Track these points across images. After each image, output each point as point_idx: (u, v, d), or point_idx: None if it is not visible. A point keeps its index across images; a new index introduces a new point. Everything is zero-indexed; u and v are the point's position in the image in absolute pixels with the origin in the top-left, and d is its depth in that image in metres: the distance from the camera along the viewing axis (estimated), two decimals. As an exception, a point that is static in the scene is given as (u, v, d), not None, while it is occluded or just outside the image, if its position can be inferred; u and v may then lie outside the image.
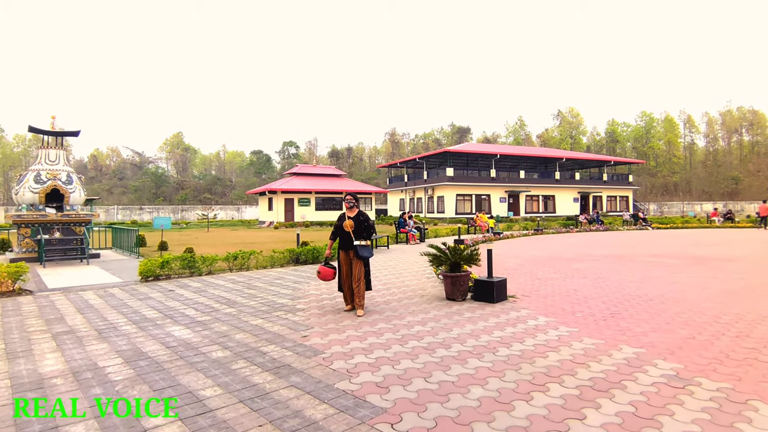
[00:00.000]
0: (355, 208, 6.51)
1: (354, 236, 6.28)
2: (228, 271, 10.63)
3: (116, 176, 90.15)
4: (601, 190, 52.38)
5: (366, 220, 6.40)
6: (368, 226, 6.40)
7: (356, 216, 6.40)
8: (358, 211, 6.48)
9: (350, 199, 6.47)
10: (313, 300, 7.28)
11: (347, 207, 6.48)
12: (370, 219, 6.47)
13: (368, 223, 6.41)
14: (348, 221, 6.34)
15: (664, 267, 10.85)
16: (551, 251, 14.97)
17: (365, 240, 6.34)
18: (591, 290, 7.90)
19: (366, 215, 6.48)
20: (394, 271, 10.50)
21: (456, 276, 6.92)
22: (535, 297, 7.33)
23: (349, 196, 6.49)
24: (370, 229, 6.42)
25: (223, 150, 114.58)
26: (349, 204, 6.46)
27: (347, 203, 6.47)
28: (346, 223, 6.34)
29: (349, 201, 6.46)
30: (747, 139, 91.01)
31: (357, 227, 6.31)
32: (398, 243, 18.61)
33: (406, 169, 55.87)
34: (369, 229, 6.41)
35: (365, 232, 6.37)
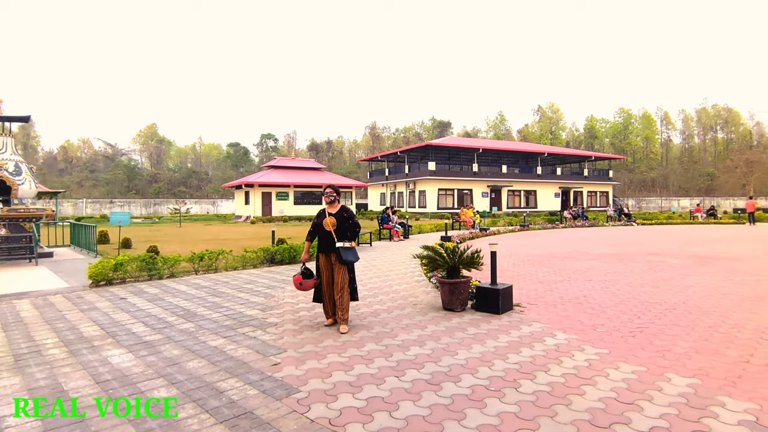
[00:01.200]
0: (337, 202, 5.50)
1: (336, 236, 5.26)
2: (193, 274, 9.47)
3: (87, 169, 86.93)
4: (582, 186, 52.25)
5: (350, 217, 5.38)
6: (353, 224, 5.38)
7: (338, 212, 5.39)
8: (341, 207, 5.47)
9: (330, 193, 5.44)
10: (287, 311, 6.23)
11: (327, 201, 5.47)
12: (354, 215, 5.45)
13: (353, 221, 5.39)
14: (329, 218, 5.32)
15: (669, 267, 10.10)
16: (544, 249, 14.16)
17: (349, 241, 5.32)
18: (602, 296, 7.03)
19: (350, 211, 5.46)
20: (380, 272, 9.50)
21: (455, 283, 5.95)
22: (543, 306, 6.41)
23: (330, 189, 5.47)
24: (355, 228, 5.40)
25: (200, 142, 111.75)
26: (330, 198, 5.44)
27: (327, 197, 5.45)
28: (326, 220, 5.32)
29: (329, 194, 5.44)
30: (721, 137, 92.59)
31: (340, 225, 5.29)
32: (381, 240, 17.61)
33: (387, 163, 54.84)
34: (354, 227, 5.39)
35: (350, 231, 5.36)
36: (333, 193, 5.44)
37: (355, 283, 5.49)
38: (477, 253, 6.15)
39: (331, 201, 5.44)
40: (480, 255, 6.17)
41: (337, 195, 5.48)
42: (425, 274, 8.79)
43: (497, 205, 45.27)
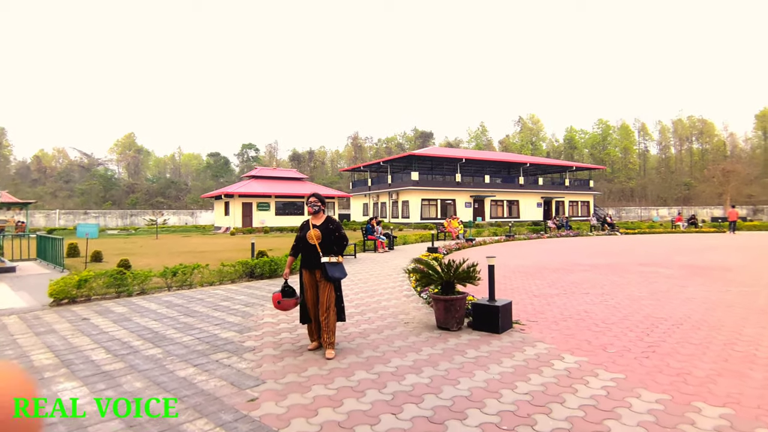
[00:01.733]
0: (322, 213, 5.01)
1: (321, 251, 4.76)
2: (166, 290, 8.83)
3: (62, 179, 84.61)
4: (563, 195, 52.58)
5: (336, 229, 4.90)
6: (340, 237, 4.89)
7: (324, 223, 4.91)
8: (326, 217, 4.99)
9: (315, 202, 4.95)
10: (267, 332, 5.67)
11: (311, 212, 4.97)
12: (341, 227, 4.96)
13: (339, 233, 4.90)
14: (313, 231, 4.82)
15: (664, 279, 9.80)
16: (533, 260, 13.82)
17: (336, 255, 4.83)
18: (604, 311, 6.64)
19: (336, 222, 4.98)
20: (367, 286, 8.98)
21: (451, 300, 5.48)
22: (544, 323, 5.97)
23: (314, 198, 4.97)
24: (342, 241, 4.91)
25: (179, 152, 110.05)
26: (314, 208, 4.95)
27: (311, 207, 4.95)
28: (310, 233, 4.83)
29: (313, 204, 4.95)
30: (696, 147, 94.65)
31: (325, 238, 4.80)
32: (366, 251, 17.10)
33: (370, 173, 54.48)
34: (341, 240, 4.90)
35: (336, 244, 4.87)
36: (317, 203, 4.95)
37: (342, 302, 4.98)
38: (473, 267, 5.69)
39: (316, 211, 4.95)
40: (477, 269, 5.71)
41: (323, 205, 5.00)
42: (414, 288, 8.31)
43: (480, 215, 45.18)
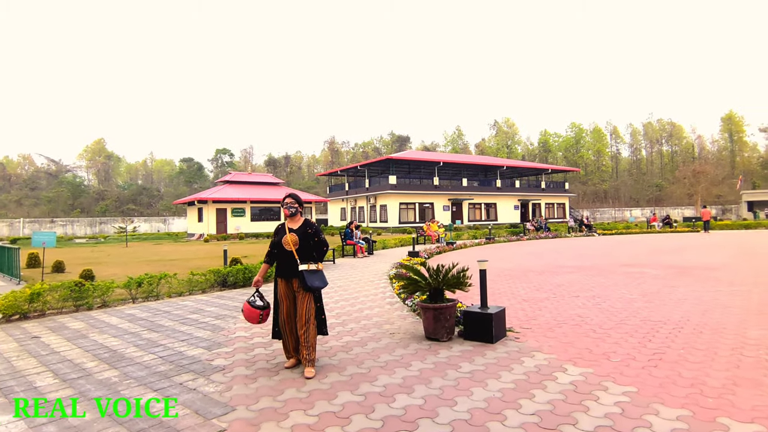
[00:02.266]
0: (299, 215, 4.54)
1: (298, 257, 4.28)
2: (130, 302, 8.18)
3: (28, 186, 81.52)
4: (540, 198, 52.98)
5: (315, 234, 4.43)
6: (319, 242, 4.43)
7: (301, 227, 4.43)
8: (304, 221, 4.50)
9: (291, 204, 4.48)
10: (239, 348, 5.13)
11: (288, 215, 4.49)
12: (320, 231, 4.49)
13: (319, 238, 4.43)
14: (290, 235, 4.34)
15: (651, 279, 9.59)
16: (516, 262, 13.55)
17: (315, 262, 4.35)
18: (599, 315, 6.31)
19: (315, 226, 4.50)
20: (347, 294, 8.49)
21: (441, 308, 5.04)
22: (538, 330, 5.59)
23: (290, 199, 4.50)
24: (321, 246, 4.45)
25: (151, 158, 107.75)
26: (291, 210, 4.47)
27: (287, 209, 4.47)
28: (286, 238, 4.34)
29: (289, 206, 4.47)
30: (666, 149, 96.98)
31: (303, 244, 4.33)
32: (344, 256, 16.60)
33: (347, 177, 53.93)
34: (320, 246, 4.44)
35: (315, 250, 4.40)
36: (294, 204, 4.48)
37: (323, 313, 4.51)
38: (464, 272, 5.28)
39: (293, 214, 4.47)
40: (468, 274, 5.30)
41: (300, 206, 4.54)
42: (398, 295, 7.86)
43: (459, 218, 45.08)
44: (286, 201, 4.47)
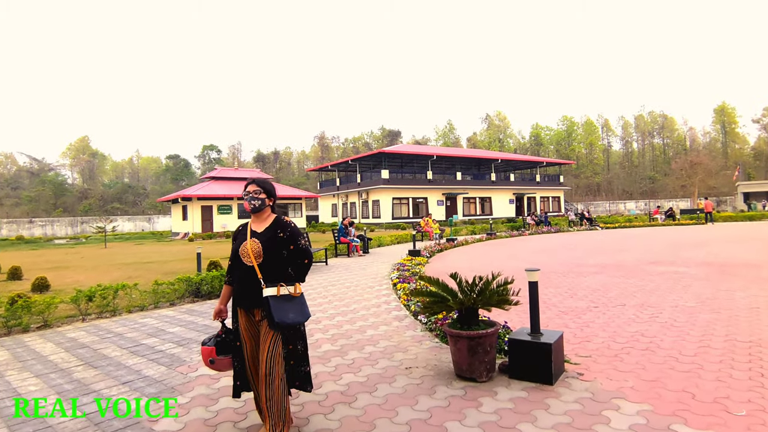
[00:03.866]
0: (270, 211, 3.06)
1: (262, 276, 2.82)
2: (80, 320, 6.69)
3: (9, 186, 78.95)
4: (535, 191, 51.89)
5: (291, 238, 2.94)
6: (297, 252, 2.95)
7: (269, 230, 2.94)
8: (275, 219, 3.01)
9: (255, 193, 2.96)
10: (199, 398, 3.67)
11: (250, 210, 2.99)
12: (299, 234, 2.99)
13: (297, 245, 2.94)
14: (250, 242, 2.88)
15: (695, 281, 8.28)
16: (528, 260, 12.20)
17: (290, 283, 2.89)
18: (666, 334, 4.95)
19: (291, 228, 3.00)
20: (344, 305, 7.06)
21: (478, 337, 3.64)
22: (601, 358, 4.22)
23: (253, 187, 2.98)
24: (300, 257, 2.96)
25: (137, 155, 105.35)
26: (254, 203, 2.97)
27: (249, 201, 2.96)
28: (245, 246, 2.89)
29: (252, 197, 2.96)
30: (657, 142, 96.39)
31: (270, 254, 2.87)
32: (338, 256, 15.17)
33: (338, 172, 52.42)
34: (299, 257, 2.96)
35: (292, 264, 2.95)
36: (259, 195, 2.97)
37: (306, 363, 3.05)
38: (507, 284, 3.88)
39: (256, 209, 2.97)
40: (509, 289, 3.90)
41: (269, 197, 3.03)
42: (406, 306, 6.46)
43: (454, 212, 43.78)
44: (248, 190, 2.97)
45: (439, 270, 11.04)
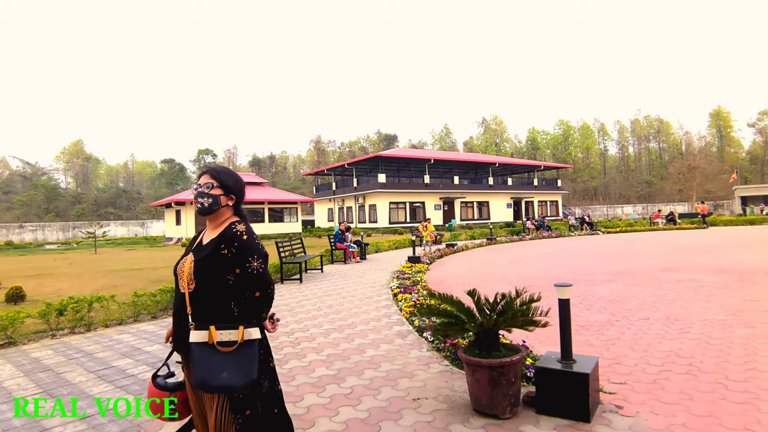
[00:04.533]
0: (227, 213, 2.19)
1: (191, 311, 1.99)
2: (49, 336, 6.08)
3: (1, 190, 78.01)
4: (532, 195, 51.43)
5: (239, 257, 1.99)
6: (246, 278, 1.99)
7: (215, 242, 2.06)
8: (228, 228, 2.08)
9: (206, 186, 2.12)
10: (169, 437, 3.12)
11: (197, 209, 2.15)
12: (252, 252, 2.02)
13: (246, 269, 1.99)
14: (187, 259, 2.08)
15: (715, 289, 7.74)
16: (535, 268, 11.65)
17: (232, 326, 1.96)
18: (704, 354, 4.39)
19: (242, 239, 2.02)
20: (340, 319, 6.48)
21: (500, 366, 3.07)
22: (638, 385, 3.65)
23: (206, 177, 2.16)
24: (250, 287, 2.01)
25: (132, 160, 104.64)
26: (202, 203, 2.11)
27: (197, 201, 2.12)
28: (183, 263, 2.09)
29: (200, 192, 2.12)
30: (653, 146, 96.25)
31: (206, 280, 1.99)
32: (334, 262, 14.57)
33: (334, 176, 51.80)
34: (247, 285, 2.01)
35: (235, 295, 2.01)
36: (210, 188, 2.13)
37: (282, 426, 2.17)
38: (532, 302, 3.31)
39: (205, 209, 2.13)
40: (538, 305, 3.33)
41: (227, 194, 2.17)
42: (409, 321, 5.89)
43: (452, 217, 43.22)
44: (201, 182, 2.15)
45: (441, 277, 10.48)
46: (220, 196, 2.13)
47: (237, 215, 2.22)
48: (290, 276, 10.98)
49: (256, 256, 2.01)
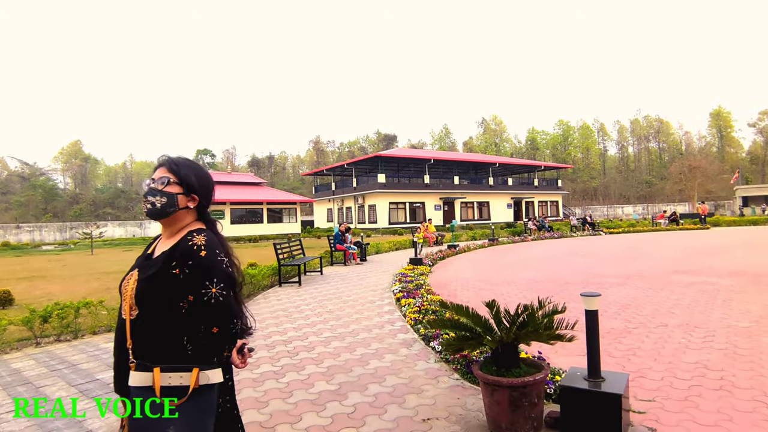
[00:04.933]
0: (187, 218, 1.70)
1: (132, 345, 1.51)
2: (32, 344, 5.74)
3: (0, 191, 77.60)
4: (533, 196, 51.14)
5: (195, 278, 1.49)
6: (203, 308, 1.48)
7: (167, 255, 1.56)
8: (186, 238, 1.57)
9: (160, 181, 1.64)
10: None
11: (146, 211, 1.64)
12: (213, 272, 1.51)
13: (203, 295, 1.48)
14: (133, 275, 1.60)
15: (732, 293, 7.42)
16: (540, 270, 11.32)
17: (183, 368, 1.47)
18: (734, 366, 4.07)
19: (198, 256, 1.51)
20: (341, 325, 6.14)
21: (523, 386, 2.75)
22: (669, 403, 3.33)
23: (162, 170, 1.67)
24: (207, 319, 1.48)
25: (131, 160, 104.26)
26: (152, 203, 1.62)
27: (146, 200, 1.63)
28: (127, 280, 1.61)
29: (152, 190, 1.63)
30: (653, 146, 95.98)
31: (148, 306, 1.51)
32: (334, 264, 14.24)
33: (333, 176, 51.49)
34: (203, 316, 1.48)
35: (189, 328, 1.51)
36: (165, 184, 1.64)
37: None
38: (555, 313, 2.99)
39: (156, 211, 1.63)
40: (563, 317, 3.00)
41: (186, 193, 1.67)
42: (414, 329, 5.56)
43: (452, 217, 42.90)
44: (153, 176, 1.69)
45: (445, 280, 10.16)
46: (178, 195, 1.63)
47: (201, 221, 1.73)
48: (289, 278, 10.65)
49: (216, 279, 1.49)
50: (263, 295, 8.94)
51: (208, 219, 1.75)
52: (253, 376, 4.20)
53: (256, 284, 9.17)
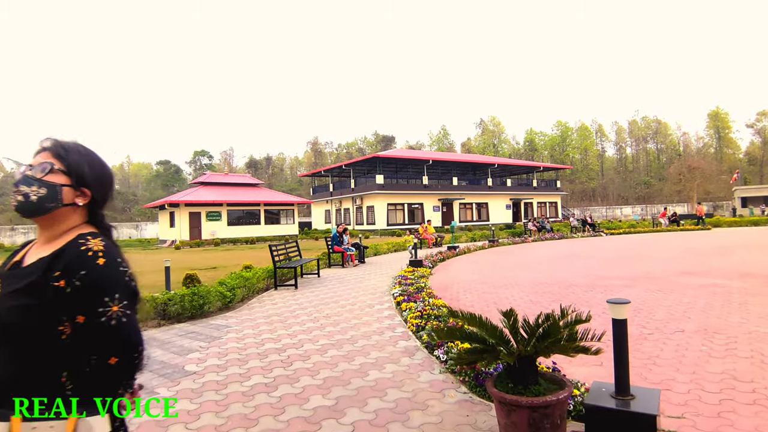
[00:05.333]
0: (73, 217, 1.27)
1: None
2: None
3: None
4: (532, 197, 50.89)
5: (85, 294, 1.14)
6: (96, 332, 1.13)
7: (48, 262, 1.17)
8: (72, 242, 1.19)
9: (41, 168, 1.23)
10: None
11: (16, 205, 1.22)
12: (108, 286, 1.16)
13: (96, 316, 1.14)
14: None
15: (745, 296, 7.11)
16: (543, 272, 11.01)
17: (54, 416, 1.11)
18: (761, 375, 3.76)
19: (89, 265, 1.15)
20: (338, 331, 5.81)
21: (544, 406, 2.43)
22: (700, 420, 3.01)
23: (44, 155, 1.26)
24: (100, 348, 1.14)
25: (128, 162, 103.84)
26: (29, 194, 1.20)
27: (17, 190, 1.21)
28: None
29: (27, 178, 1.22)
30: (651, 147, 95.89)
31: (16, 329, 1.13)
32: (331, 266, 13.91)
33: (331, 177, 51.16)
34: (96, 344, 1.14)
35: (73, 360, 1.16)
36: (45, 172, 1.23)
37: None
38: (577, 323, 2.67)
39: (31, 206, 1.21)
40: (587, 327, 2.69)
41: (75, 186, 1.26)
42: (416, 335, 5.25)
43: (451, 218, 42.60)
44: (31, 162, 1.26)
45: (446, 283, 9.84)
46: (62, 187, 1.24)
47: (92, 225, 1.32)
48: (285, 281, 10.32)
49: (117, 295, 1.17)
50: (258, 298, 8.61)
51: (102, 222, 1.34)
52: (242, 389, 3.87)
53: (251, 287, 8.84)
